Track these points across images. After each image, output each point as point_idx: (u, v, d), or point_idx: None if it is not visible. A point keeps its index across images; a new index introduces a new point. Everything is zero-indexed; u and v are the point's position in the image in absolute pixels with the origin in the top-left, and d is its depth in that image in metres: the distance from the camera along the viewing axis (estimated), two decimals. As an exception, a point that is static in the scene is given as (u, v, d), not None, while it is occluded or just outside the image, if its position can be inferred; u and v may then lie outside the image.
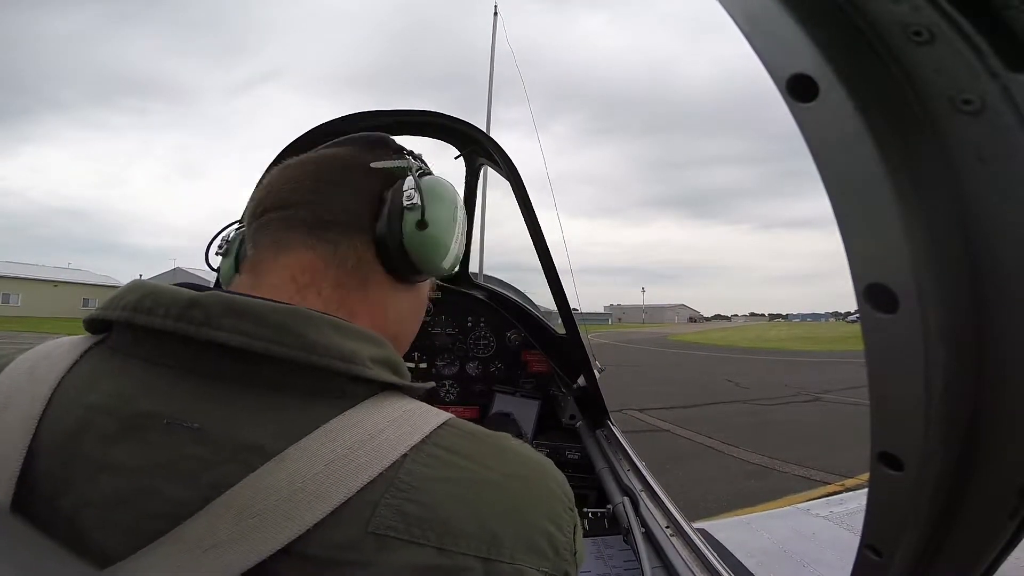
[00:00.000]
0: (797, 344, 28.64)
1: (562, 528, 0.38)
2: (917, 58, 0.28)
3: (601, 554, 1.15)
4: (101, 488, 0.33)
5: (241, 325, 0.36)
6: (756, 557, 1.99)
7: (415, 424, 0.37)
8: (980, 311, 0.30)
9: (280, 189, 0.49)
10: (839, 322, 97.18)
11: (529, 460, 0.41)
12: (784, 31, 0.29)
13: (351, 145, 0.54)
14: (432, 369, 1.80)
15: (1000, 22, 0.26)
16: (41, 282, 42.19)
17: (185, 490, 0.32)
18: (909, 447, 0.34)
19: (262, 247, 0.48)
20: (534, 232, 1.38)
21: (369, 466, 0.33)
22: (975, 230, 0.29)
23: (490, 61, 5.48)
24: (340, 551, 0.31)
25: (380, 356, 0.41)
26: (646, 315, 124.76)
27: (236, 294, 0.40)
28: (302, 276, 0.45)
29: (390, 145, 0.56)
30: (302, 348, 0.36)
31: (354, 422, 0.35)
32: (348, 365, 0.37)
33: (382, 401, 0.39)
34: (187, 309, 0.37)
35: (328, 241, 0.47)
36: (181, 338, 0.37)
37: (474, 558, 0.33)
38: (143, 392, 0.36)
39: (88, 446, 0.34)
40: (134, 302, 0.38)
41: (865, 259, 0.31)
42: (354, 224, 0.48)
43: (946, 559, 0.38)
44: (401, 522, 0.32)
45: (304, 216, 0.47)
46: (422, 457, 0.35)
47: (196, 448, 0.33)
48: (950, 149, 0.28)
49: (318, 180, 0.49)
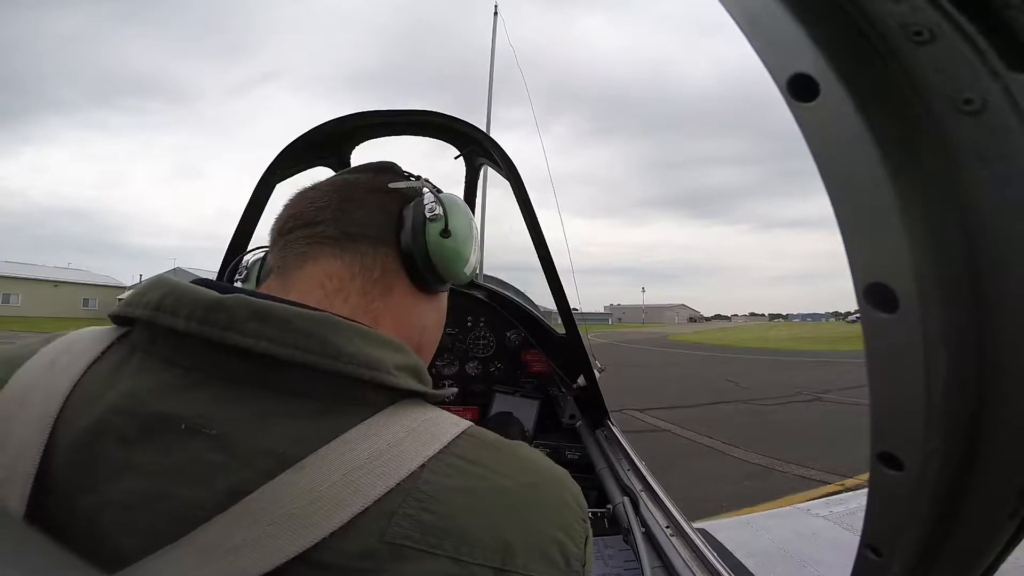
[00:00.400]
0: (797, 344, 28.63)
1: (574, 539, 0.39)
2: (917, 58, 0.28)
3: (601, 554, 1.15)
4: (121, 489, 0.33)
5: (266, 330, 0.36)
6: (756, 557, 1.99)
7: (434, 434, 0.37)
8: (980, 311, 0.30)
9: (304, 210, 0.51)
10: (839, 322, 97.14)
11: (546, 471, 0.42)
12: (784, 31, 0.29)
13: (362, 172, 0.56)
14: (432, 369, 1.79)
15: (1001, 22, 0.26)
16: (41, 282, 42.15)
17: (202, 494, 0.32)
18: (909, 447, 0.34)
19: (289, 259, 0.49)
20: (534, 232, 1.38)
21: (387, 476, 0.33)
22: (975, 230, 0.29)
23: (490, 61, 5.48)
24: (355, 560, 0.31)
25: (404, 363, 0.41)
26: (646, 315, 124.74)
27: (261, 297, 0.39)
28: (330, 283, 0.47)
29: (398, 171, 0.59)
30: (327, 355, 0.36)
31: (373, 431, 0.35)
32: (373, 372, 0.38)
33: (403, 410, 0.39)
34: (211, 312, 0.37)
35: (355, 252, 0.49)
36: (203, 340, 0.36)
37: (488, 568, 0.33)
38: (161, 393, 0.36)
39: (107, 447, 0.34)
40: (156, 300, 0.38)
41: (865, 259, 0.31)
42: (379, 237, 0.50)
43: (946, 559, 0.38)
44: (418, 532, 0.32)
45: (331, 232, 0.49)
46: (440, 467, 0.36)
47: (214, 453, 0.33)
48: (950, 149, 0.28)
49: (342, 200, 0.51)
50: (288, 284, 0.47)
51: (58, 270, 49.29)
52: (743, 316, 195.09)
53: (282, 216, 0.53)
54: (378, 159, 0.60)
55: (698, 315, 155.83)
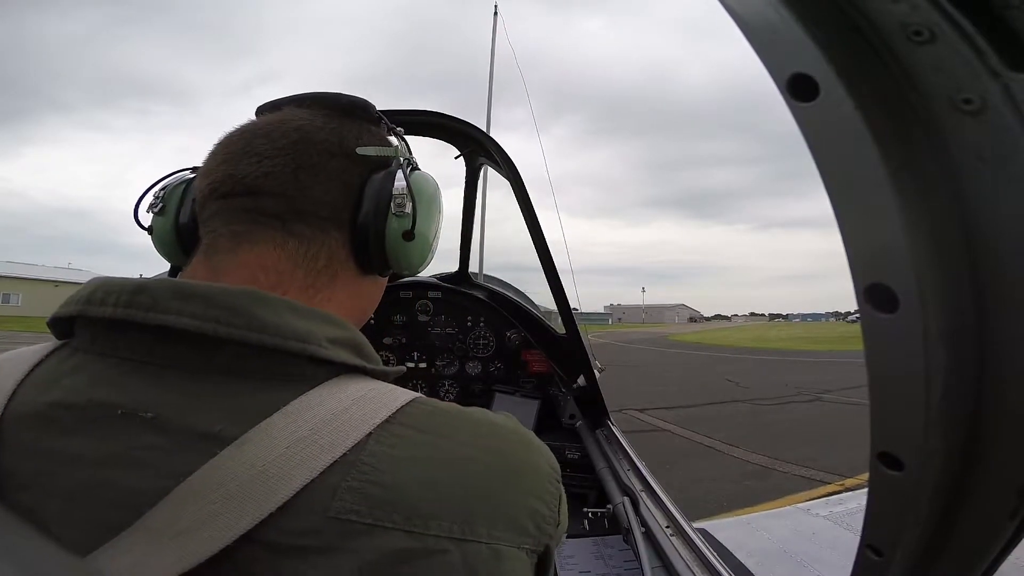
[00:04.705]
0: (797, 344, 28.63)
1: (547, 502, 0.38)
2: (917, 57, 0.28)
3: (601, 554, 1.15)
4: (60, 481, 0.33)
5: (189, 307, 0.35)
6: (756, 557, 1.99)
7: (381, 402, 0.36)
8: (980, 311, 0.30)
9: (249, 169, 0.43)
10: (839, 322, 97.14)
11: (510, 433, 0.40)
12: (784, 31, 0.29)
13: (328, 114, 0.48)
14: (432, 369, 1.80)
15: (1000, 21, 0.26)
16: (41, 282, 42.17)
17: (144, 480, 0.31)
18: (909, 447, 0.34)
19: (219, 235, 0.43)
20: (534, 232, 1.38)
21: (332, 447, 0.32)
22: (975, 230, 0.29)
23: (490, 61, 5.48)
24: (300, 537, 0.30)
25: (340, 336, 0.39)
26: (646, 315, 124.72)
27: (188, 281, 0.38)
28: (266, 278, 0.42)
29: (371, 115, 0.51)
30: (252, 329, 0.35)
31: (316, 402, 0.34)
32: (303, 345, 0.36)
33: (346, 382, 0.37)
34: (134, 295, 0.36)
35: (300, 237, 0.43)
36: (135, 326, 0.35)
37: (447, 539, 0.32)
38: (96, 384, 0.35)
39: (47, 441, 0.34)
40: (87, 295, 0.38)
41: (865, 259, 0.31)
42: (333, 219, 0.45)
43: (946, 559, 0.38)
44: (363, 505, 0.31)
45: (277, 208, 0.43)
46: (387, 436, 0.34)
47: (152, 437, 0.32)
48: (950, 149, 0.28)
49: (297, 166, 0.43)
50: (217, 274, 0.42)
51: (58, 270, 49.30)
52: (743, 316, 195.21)
53: (217, 169, 0.44)
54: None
55: (698, 315, 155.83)
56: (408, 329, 1.80)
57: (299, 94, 0.51)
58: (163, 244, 0.53)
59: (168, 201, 0.52)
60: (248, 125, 0.47)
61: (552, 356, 1.75)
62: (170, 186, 0.53)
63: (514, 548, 0.34)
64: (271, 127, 0.45)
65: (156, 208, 0.52)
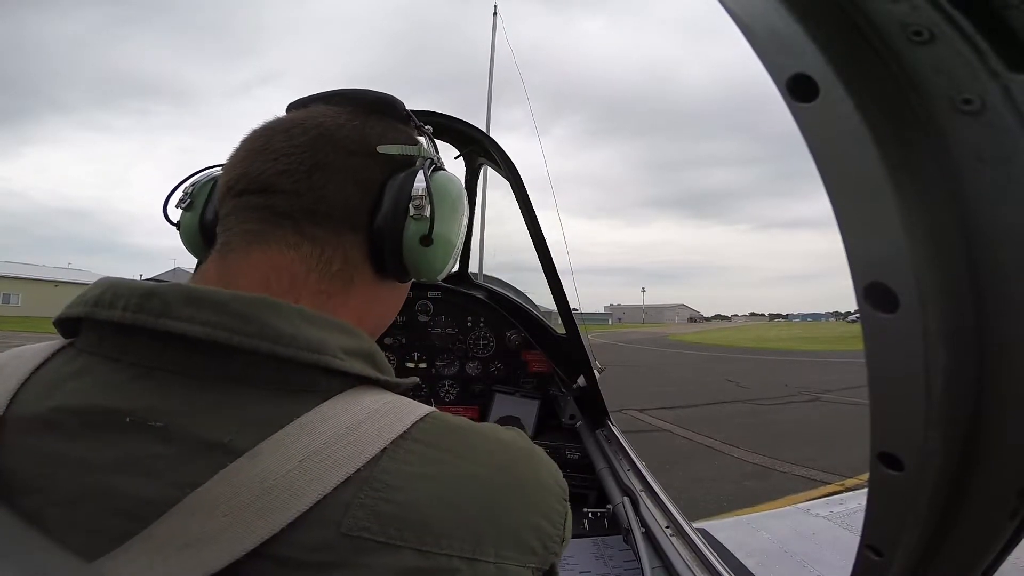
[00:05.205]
0: (797, 344, 28.62)
1: (554, 521, 0.38)
2: (917, 58, 0.28)
3: (601, 554, 1.15)
4: (63, 486, 0.32)
5: (200, 314, 0.34)
6: (756, 557, 1.99)
7: (396, 416, 0.35)
8: (980, 311, 0.30)
9: (265, 167, 0.42)
10: (839, 322, 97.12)
11: (519, 452, 0.40)
12: (784, 31, 0.29)
13: (354, 111, 0.46)
14: (432, 369, 1.80)
15: (1000, 22, 0.26)
16: (41, 282, 42.18)
17: (150, 489, 0.31)
18: (909, 447, 0.34)
19: (233, 234, 0.42)
20: (534, 232, 1.38)
21: (346, 462, 0.32)
22: (975, 230, 0.29)
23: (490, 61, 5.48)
24: (312, 553, 0.30)
25: (354, 347, 0.38)
26: (646, 315, 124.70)
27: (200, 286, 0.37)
28: (278, 282, 0.40)
29: (399, 113, 0.49)
30: (265, 337, 0.34)
31: (330, 415, 0.34)
32: (317, 356, 0.35)
33: (360, 394, 0.36)
34: (145, 300, 0.35)
35: (315, 240, 0.42)
36: (144, 332, 0.35)
37: (458, 559, 0.32)
38: (102, 388, 0.35)
39: (50, 445, 0.33)
40: (95, 297, 0.37)
41: (865, 259, 0.31)
42: (348, 220, 0.43)
43: (946, 559, 0.38)
44: (375, 523, 0.31)
45: (291, 207, 0.41)
46: (400, 453, 0.34)
47: (160, 446, 0.32)
48: (950, 149, 0.28)
49: (314, 164, 0.42)
50: (228, 276, 0.41)
51: (58, 270, 49.31)
52: (743, 316, 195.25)
53: (236, 166, 0.44)
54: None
55: (698, 315, 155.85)
56: (408, 329, 1.80)
57: (328, 91, 0.49)
58: (189, 240, 0.53)
59: (196, 197, 0.52)
60: (272, 122, 0.46)
61: (552, 356, 1.75)
62: (199, 182, 0.52)
63: (520, 567, 0.34)
64: (292, 124, 0.44)
65: (184, 204, 0.52)
